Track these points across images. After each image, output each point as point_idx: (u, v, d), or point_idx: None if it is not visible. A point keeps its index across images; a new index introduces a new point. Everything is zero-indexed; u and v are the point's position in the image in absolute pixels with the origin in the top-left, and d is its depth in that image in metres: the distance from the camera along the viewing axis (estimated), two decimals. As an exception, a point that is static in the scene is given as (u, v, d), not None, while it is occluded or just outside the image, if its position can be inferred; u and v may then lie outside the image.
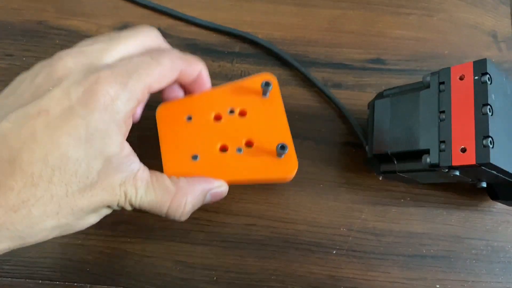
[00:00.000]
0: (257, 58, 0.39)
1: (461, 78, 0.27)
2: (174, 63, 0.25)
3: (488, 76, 0.26)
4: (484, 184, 0.29)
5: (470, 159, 0.25)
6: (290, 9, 0.40)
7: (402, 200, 0.35)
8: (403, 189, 0.35)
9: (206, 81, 0.29)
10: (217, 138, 0.28)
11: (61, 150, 0.21)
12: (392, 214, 0.34)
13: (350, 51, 0.39)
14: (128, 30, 0.25)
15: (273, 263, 0.33)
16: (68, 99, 0.21)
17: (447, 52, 0.39)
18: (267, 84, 0.28)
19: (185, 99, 0.29)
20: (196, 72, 0.27)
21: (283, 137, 0.28)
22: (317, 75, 0.38)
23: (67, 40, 0.39)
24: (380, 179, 0.33)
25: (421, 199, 0.35)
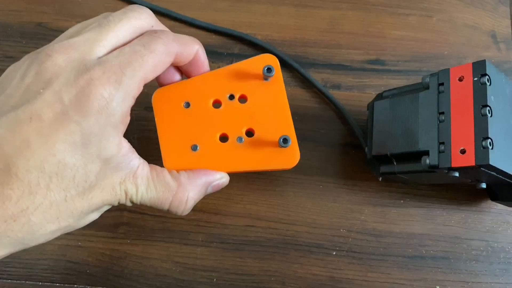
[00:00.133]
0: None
1: (460, 79, 0.27)
2: (168, 46, 0.23)
3: (487, 77, 0.26)
4: (484, 185, 0.29)
5: (469, 160, 0.25)
6: (289, 10, 0.40)
7: (402, 201, 0.35)
8: (402, 190, 0.35)
9: (204, 62, 0.27)
10: (217, 127, 0.27)
11: (57, 157, 0.20)
12: (392, 215, 0.34)
13: (350, 52, 0.39)
14: (118, 13, 0.24)
15: (273, 264, 0.33)
16: (60, 103, 0.20)
17: (446, 53, 0.39)
18: (269, 70, 0.27)
19: (182, 83, 0.28)
20: (193, 53, 0.26)
21: (284, 125, 0.27)
22: (316, 76, 0.38)
23: None
24: (379, 180, 0.33)
25: (421, 200, 0.35)
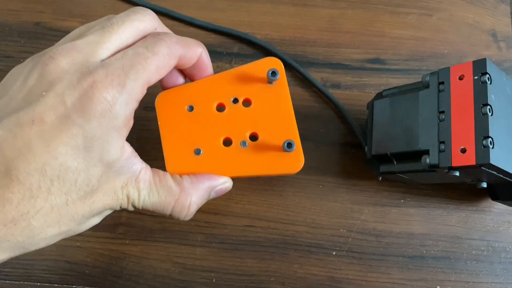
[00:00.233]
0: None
1: (460, 78, 0.27)
2: (171, 49, 0.23)
3: (487, 76, 0.26)
4: (485, 185, 0.29)
5: (470, 159, 0.25)
6: (288, 9, 0.40)
7: (402, 201, 0.34)
8: (403, 189, 0.35)
9: (208, 65, 0.27)
10: (221, 131, 0.27)
11: (59, 160, 0.20)
12: (392, 215, 0.34)
13: (349, 51, 0.39)
14: (122, 16, 0.24)
15: (273, 264, 0.33)
16: (63, 105, 0.20)
17: (446, 52, 0.39)
18: (273, 74, 0.26)
19: (186, 86, 0.27)
20: (196, 56, 0.26)
21: (289, 129, 0.27)
22: (316, 75, 0.38)
23: None
24: (379, 179, 0.33)
25: (421, 200, 0.35)
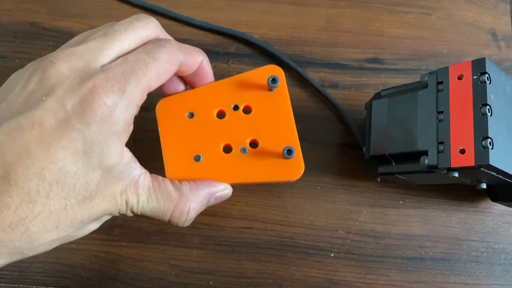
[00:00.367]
0: (253, 59, 0.38)
1: (459, 78, 0.27)
2: (172, 55, 0.24)
3: (487, 75, 0.26)
4: (484, 186, 0.29)
5: (469, 160, 0.25)
6: (286, 9, 0.40)
7: (401, 202, 0.34)
8: (401, 190, 0.34)
9: (208, 73, 0.27)
10: (221, 137, 0.27)
11: (58, 165, 0.20)
12: (390, 216, 0.34)
13: (347, 51, 0.39)
14: (124, 22, 0.24)
15: (270, 266, 0.32)
16: (63, 110, 0.20)
17: (445, 51, 0.39)
18: (274, 81, 0.27)
19: (187, 93, 0.28)
20: (197, 63, 0.26)
21: (289, 136, 0.27)
22: (313, 75, 0.38)
23: (60, 41, 0.38)
24: (378, 180, 0.33)
25: (420, 201, 0.34)
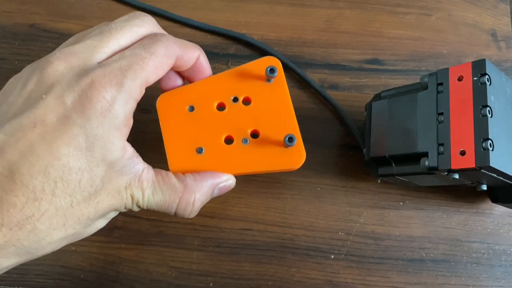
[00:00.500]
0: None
1: (459, 79, 0.27)
2: (168, 49, 0.24)
3: (487, 76, 0.26)
4: (485, 187, 0.29)
5: (469, 162, 0.25)
6: (285, 10, 0.40)
7: (401, 203, 0.34)
8: (402, 192, 0.34)
9: (206, 67, 0.27)
10: (222, 129, 0.27)
11: (61, 161, 0.20)
12: (391, 218, 0.34)
13: (347, 52, 0.39)
14: (120, 20, 0.24)
15: (270, 268, 0.32)
16: (63, 106, 0.20)
17: (445, 52, 0.39)
18: (272, 71, 0.27)
19: (186, 87, 0.28)
20: (194, 57, 0.26)
21: (289, 125, 0.27)
22: (313, 76, 0.37)
23: (60, 43, 0.37)
24: (378, 182, 0.33)
25: (420, 202, 0.34)
